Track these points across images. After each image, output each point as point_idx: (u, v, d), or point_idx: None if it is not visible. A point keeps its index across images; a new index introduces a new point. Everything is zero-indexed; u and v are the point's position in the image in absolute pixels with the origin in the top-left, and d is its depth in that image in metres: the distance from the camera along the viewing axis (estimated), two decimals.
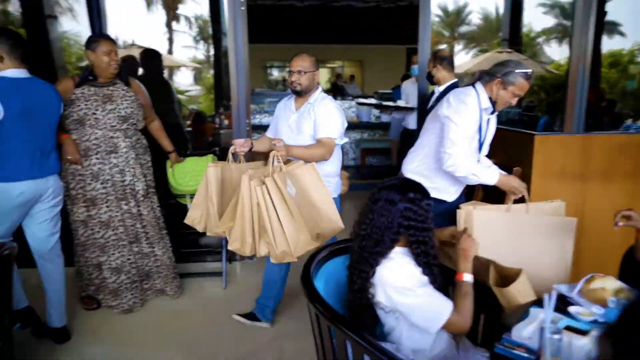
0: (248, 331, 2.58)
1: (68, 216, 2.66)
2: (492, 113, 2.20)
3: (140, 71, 3.91)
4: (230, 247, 2.03)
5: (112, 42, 2.53)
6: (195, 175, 2.99)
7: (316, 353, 1.55)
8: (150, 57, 3.94)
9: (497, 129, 2.34)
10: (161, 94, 3.65)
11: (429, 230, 1.41)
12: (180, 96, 8.25)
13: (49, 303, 2.44)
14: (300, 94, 2.40)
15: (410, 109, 4.62)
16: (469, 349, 1.49)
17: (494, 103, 2.13)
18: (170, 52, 12.34)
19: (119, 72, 2.58)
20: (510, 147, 2.69)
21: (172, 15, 13.43)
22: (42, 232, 2.34)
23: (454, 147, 2.08)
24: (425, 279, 1.39)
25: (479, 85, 2.15)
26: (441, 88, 3.14)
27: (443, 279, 1.47)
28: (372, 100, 6.70)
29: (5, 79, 2.15)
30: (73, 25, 4.34)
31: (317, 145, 2.32)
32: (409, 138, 4.46)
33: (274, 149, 2.09)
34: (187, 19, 13.69)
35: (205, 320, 2.73)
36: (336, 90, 9.11)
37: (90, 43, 2.48)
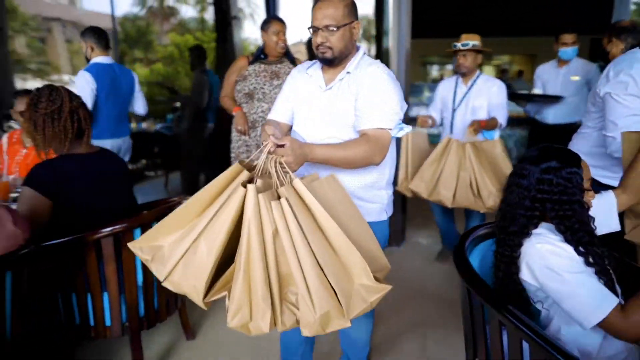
0: (392, 316, 2.52)
1: None
2: None
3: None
4: (230, 324, 1.12)
5: (283, 23, 2.69)
6: None
7: (464, 338, 1.42)
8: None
9: None
10: None
11: (572, 203, 1.19)
12: None
13: None
14: (333, 62, 1.53)
15: (550, 98, 3.62)
16: None
17: None
18: None
19: (287, 51, 2.73)
20: None
21: None
22: None
23: (617, 129, 1.71)
24: (581, 260, 1.17)
25: None
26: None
27: (611, 262, 1.19)
28: None
29: (97, 64, 2.86)
30: (253, 31, 5.09)
31: (361, 141, 1.46)
32: (543, 135, 3.62)
33: (270, 151, 1.22)
34: None
35: None
36: None
37: (264, 24, 2.68)
